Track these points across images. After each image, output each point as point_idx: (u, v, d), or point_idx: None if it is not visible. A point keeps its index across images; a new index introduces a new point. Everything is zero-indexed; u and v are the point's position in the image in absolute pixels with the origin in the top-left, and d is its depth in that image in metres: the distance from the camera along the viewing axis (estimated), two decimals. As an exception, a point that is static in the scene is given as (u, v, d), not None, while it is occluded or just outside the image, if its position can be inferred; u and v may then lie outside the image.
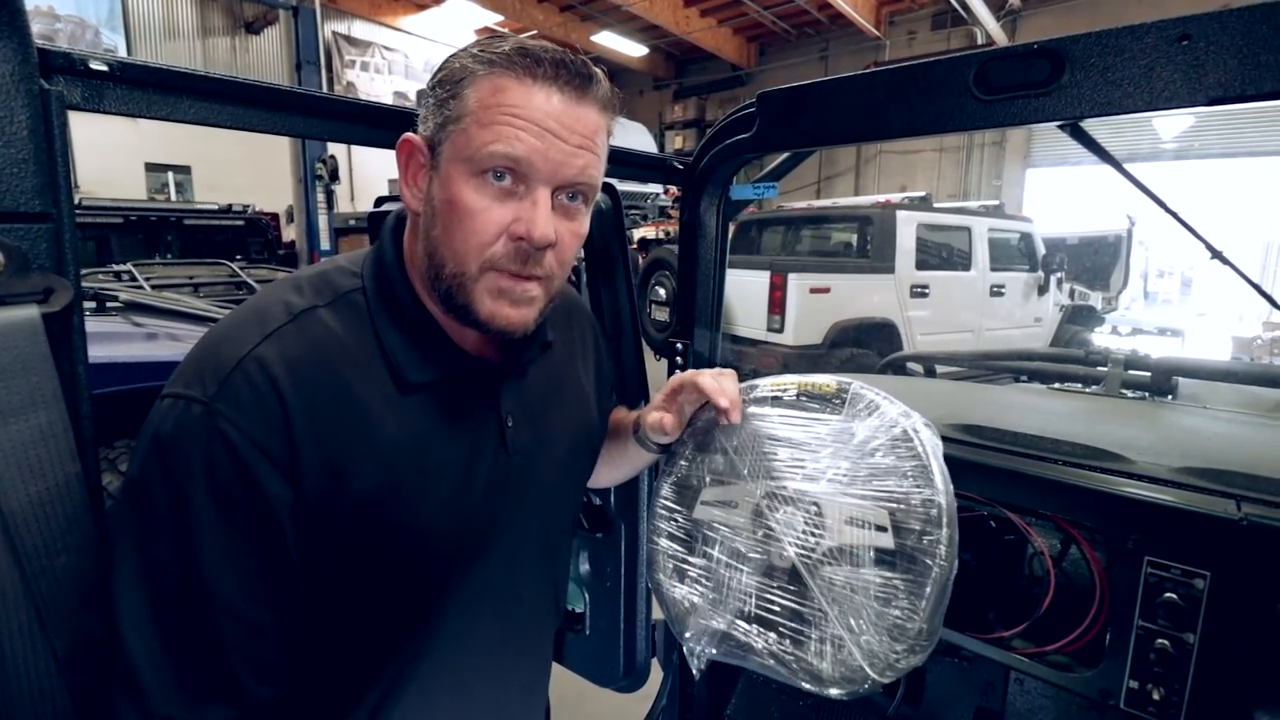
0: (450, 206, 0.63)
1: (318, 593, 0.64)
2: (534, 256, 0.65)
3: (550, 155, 0.62)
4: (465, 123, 0.62)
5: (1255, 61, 0.71)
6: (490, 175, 0.62)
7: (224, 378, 0.58)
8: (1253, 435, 1.38)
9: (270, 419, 0.58)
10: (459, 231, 0.63)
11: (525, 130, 0.61)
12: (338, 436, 0.61)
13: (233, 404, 0.57)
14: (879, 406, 0.76)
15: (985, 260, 6.01)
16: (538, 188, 0.63)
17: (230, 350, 0.60)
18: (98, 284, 2.74)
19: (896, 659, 0.68)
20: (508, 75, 0.61)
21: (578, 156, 0.64)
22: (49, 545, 0.57)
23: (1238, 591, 0.84)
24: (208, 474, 0.56)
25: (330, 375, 0.62)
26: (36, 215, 0.60)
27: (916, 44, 12.08)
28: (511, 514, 0.76)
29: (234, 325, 0.63)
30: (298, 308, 0.65)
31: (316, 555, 0.62)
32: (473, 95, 0.62)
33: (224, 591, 0.58)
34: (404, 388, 0.67)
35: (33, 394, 0.56)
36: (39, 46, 0.59)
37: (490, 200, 0.63)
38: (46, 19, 8.64)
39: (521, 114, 0.61)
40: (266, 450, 0.58)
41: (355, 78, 12.11)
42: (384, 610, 0.68)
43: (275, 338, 0.61)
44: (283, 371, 0.59)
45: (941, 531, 0.68)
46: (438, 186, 0.64)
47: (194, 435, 0.57)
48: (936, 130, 0.94)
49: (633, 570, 1.43)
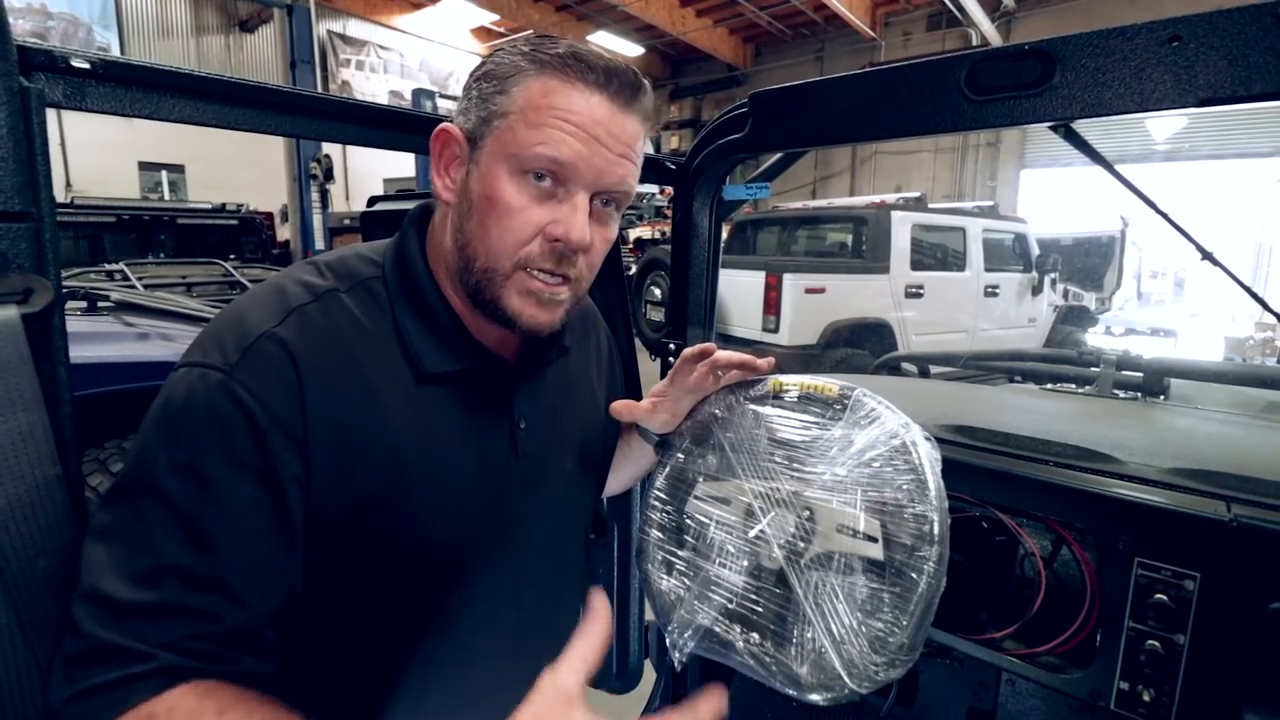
0: (489, 202, 0.63)
1: (320, 582, 0.63)
2: (568, 258, 0.65)
3: (594, 162, 0.63)
4: (512, 120, 0.62)
5: (1245, 63, 0.71)
6: (532, 175, 0.63)
7: (245, 348, 0.58)
8: (1244, 436, 1.39)
9: (288, 392, 0.58)
10: (495, 228, 0.64)
11: (572, 135, 0.61)
12: (350, 418, 0.61)
13: (252, 374, 0.57)
14: (880, 416, 0.76)
15: (980, 261, 6.03)
16: (578, 192, 0.64)
17: (253, 324, 0.60)
18: (90, 283, 2.73)
19: (875, 671, 0.67)
20: (559, 78, 0.62)
21: (619, 165, 0.65)
22: (28, 548, 0.56)
23: (1228, 592, 0.85)
24: (222, 437, 0.56)
25: (348, 357, 0.63)
26: (16, 214, 0.59)
27: (912, 45, 12.12)
28: (518, 517, 0.76)
29: (256, 301, 0.63)
30: (321, 289, 0.65)
31: (319, 540, 0.61)
32: (521, 94, 0.62)
33: (226, 552, 0.56)
34: (420, 378, 0.67)
35: (11, 396, 0.56)
36: (18, 44, 0.59)
37: (530, 199, 0.63)
38: (39, 16, 8.60)
39: (570, 118, 0.61)
40: (282, 421, 0.58)
41: (350, 77, 12.08)
42: (383, 604, 0.67)
43: (298, 314, 0.62)
44: (302, 348, 0.60)
45: (932, 549, 0.68)
46: (476, 180, 0.64)
47: (211, 401, 0.56)
48: (928, 131, 0.94)
49: (625, 572, 1.43)
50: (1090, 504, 0.95)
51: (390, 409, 0.64)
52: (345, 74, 12.01)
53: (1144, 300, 12.51)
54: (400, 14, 12.54)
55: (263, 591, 0.59)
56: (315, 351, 0.60)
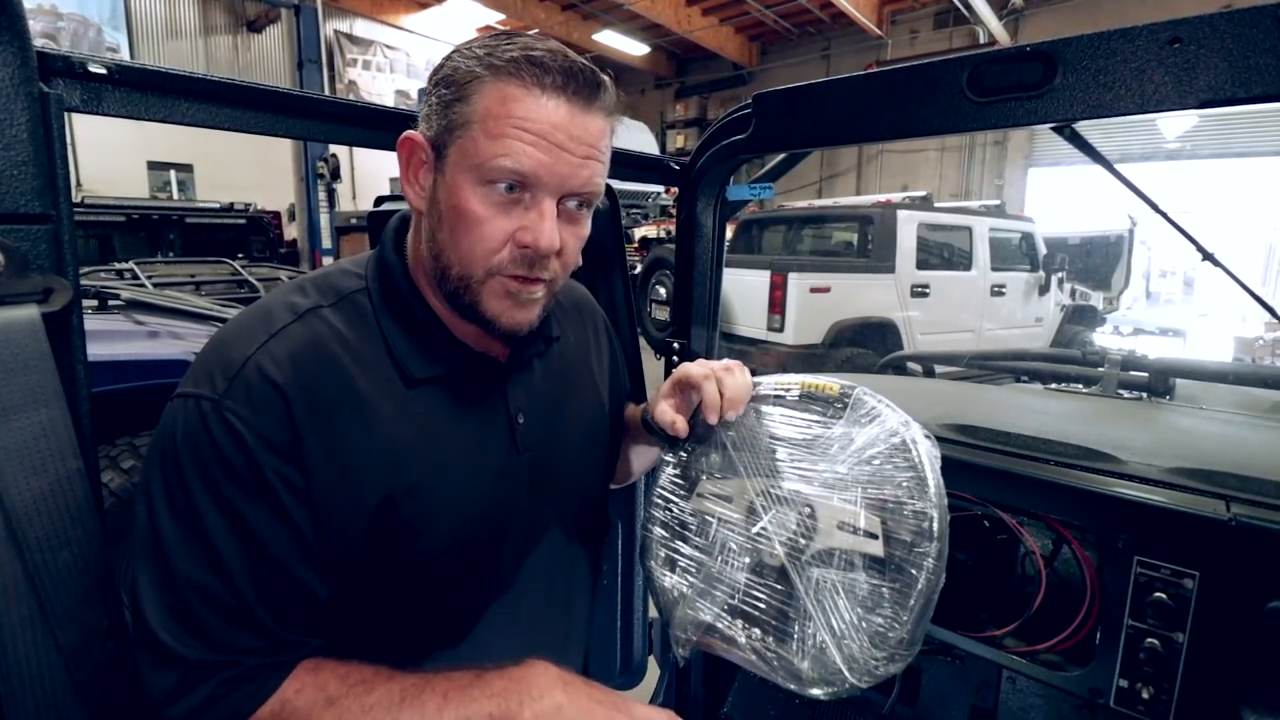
0: (457, 213, 0.64)
1: (332, 590, 0.65)
2: (539, 262, 0.66)
3: (558, 168, 0.63)
4: (473, 130, 0.62)
5: (1245, 64, 0.72)
6: (497, 185, 0.63)
7: (232, 376, 0.60)
8: (1246, 436, 1.39)
9: (275, 412, 0.60)
10: (465, 238, 0.64)
11: (533, 144, 0.61)
12: (343, 430, 0.63)
13: (241, 400, 0.59)
14: (880, 414, 0.77)
15: (986, 260, 6.01)
16: (544, 199, 0.64)
17: (238, 350, 0.62)
18: (100, 282, 2.75)
19: (875, 665, 0.68)
20: (515, 83, 0.61)
21: (584, 167, 0.64)
22: (51, 540, 0.58)
23: (1226, 591, 0.85)
24: (221, 464, 0.58)
25: (334, 371, 0.64)
26: (36, 216, 0.61)
27: (918, 43, 12.06)
28: (525, 512, 0.76)
29: (241, 327, 0.65)
30: (302, 308, 0.66)
31: (325, 550, 0.63)
32: (479, 102, 0.62)
33: (240, 573, 0.59)
34: (409, 383, 0.68)
35: (33, 392, 0.57)
36: (38, 50, 0.60)
37: (497, 209, 0.63)
38: (49, 18, 8.65)
39: (529, 126, 0.61)
40: (273, 443, 0.59)
41: (357, 76, 12.11)
42: (392, 605, 0.69)
43: (281, 336, 0.63)
44: (287, 369, 0.61)
45: (932, 545, 0.69)
46: (444, 191, 0.65)
47: (208, 429, 0.59)
48: (931, 132, 0.95)
49: (629, 569, 1.44)
50: (1090, 503, 0.96)
51: (382, 417, 0.65)
52: (352, 74, 12.04)
53: (1153, 300, 12.41)
54: (407, 13, 12.57)
55: (287, 606, 0.62)
56: (299, 370, 0.62)
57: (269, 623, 0.60)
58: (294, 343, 0.63)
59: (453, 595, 0.72)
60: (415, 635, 0.71)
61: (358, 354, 0.66)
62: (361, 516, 0.64)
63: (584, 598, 0.90)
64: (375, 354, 0.67)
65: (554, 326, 0.84)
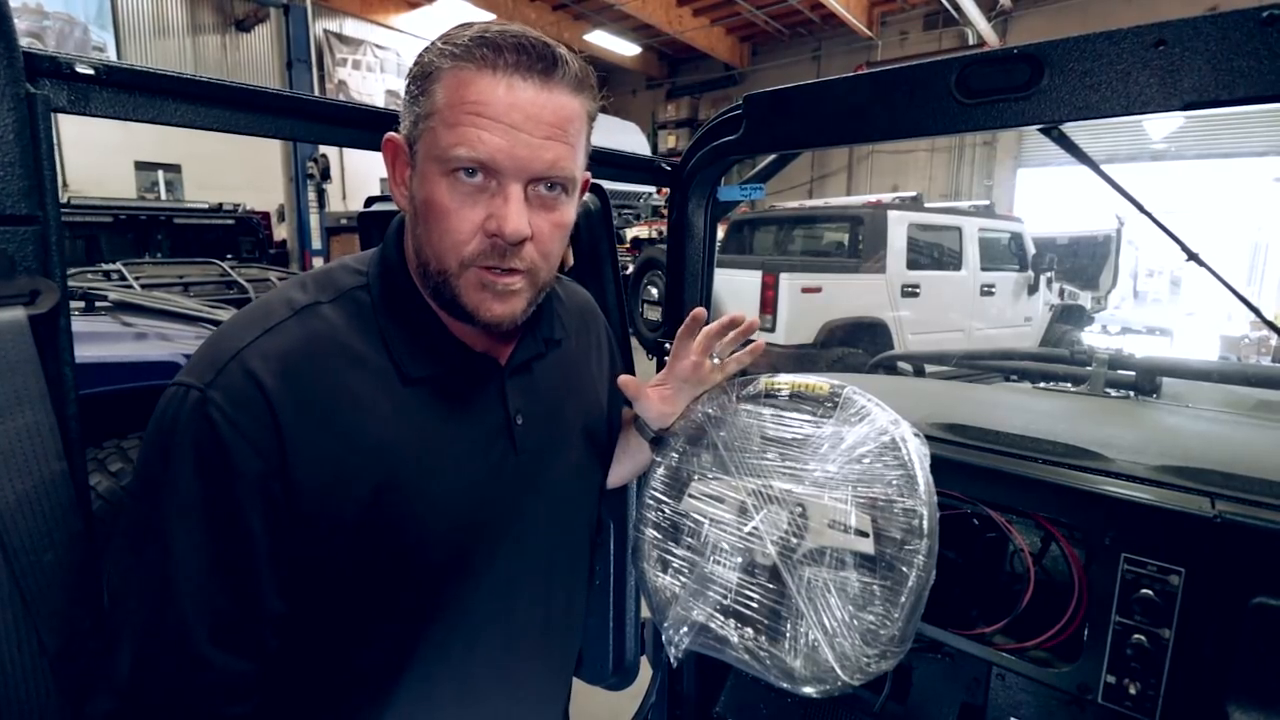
0: (428, 206, 0.64)
1: (325, 586, 0.64)
2: (510, 251, 0.64)
3: (516, 152, 0.61)
4: (434, 121, 0.62)
5: (1228, 67, 0.73)
6: (462, 173, 0.62)
7: (220, 368, 0.60)
8: (1231, 434, 1.40)
9: (255, 409, 0.59)
10: (436, 230, 0.64)
11: (488, 129, 0.60)
12: (332, 426, 0.62)
13: (224, 392, 0.59)
14: (869, 413, 0.77)
15: (976, 260, 6.05)
16: (509, 184, 0.62)
17: (230, 344, 0.62)
18: (87, 283, 2.73)
19: (867, 663, 0.69)
20: (470, 68, 0.60)
21: (546, 149, 0.62)
22: (36, 542, 0.57)
23: (1212, 587, 0.86)
24: (195, 453, 0.58)
25: (325, 368, 0.63)
26: (23, 218, 0.60)
27: (908, 44, 12.13)
28: (520, 514, 0.76)
29: (239, 322, 0.65)
30: (300, 304, 0.66)
31: (318, 548, 0.62)
32: (440, 92, 0.61)
33: (192, 575, 0.58)
34: (406, 381, 0.68)
35: (19, 394, 0.57)
36: (24, 50, 0.60)
37: (464, 198, 0.63)
38: (34, 16, 8.55)
39: (484, 110, 0.60)
40: (250, 437, 0.59)
41: (347, 76, 12.05)
42: (386, 605, 0.68)
43: (275, 332, 0.63)
44: (275, 364, 0.61)
45: (922, 542, 0.69)
46: (417, 185, 0.65)
47: (187, 419, 0.58)
48: (919, 133, 0.96)
49: (621, 569, 1.44)
50: (1078, 501, 0.97)
51: (376, 414, 0.65)
52: (342, 73, 11.97)
53: (1140, 299, 12.54)
54: (397, 13, 12.51)
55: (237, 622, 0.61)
56: (288, 366, 0.61)
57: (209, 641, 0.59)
58: (287, 339, 0.63)
59: (443, 593, 0.71)
60: (406, 634, 0.70)
61: (354, 350, 0.66)
62: (351, 512, 0.63)
63: (578, 599, 0.90)
64: (373, 351, 0.67)
65: (557, 329, 0.83)
